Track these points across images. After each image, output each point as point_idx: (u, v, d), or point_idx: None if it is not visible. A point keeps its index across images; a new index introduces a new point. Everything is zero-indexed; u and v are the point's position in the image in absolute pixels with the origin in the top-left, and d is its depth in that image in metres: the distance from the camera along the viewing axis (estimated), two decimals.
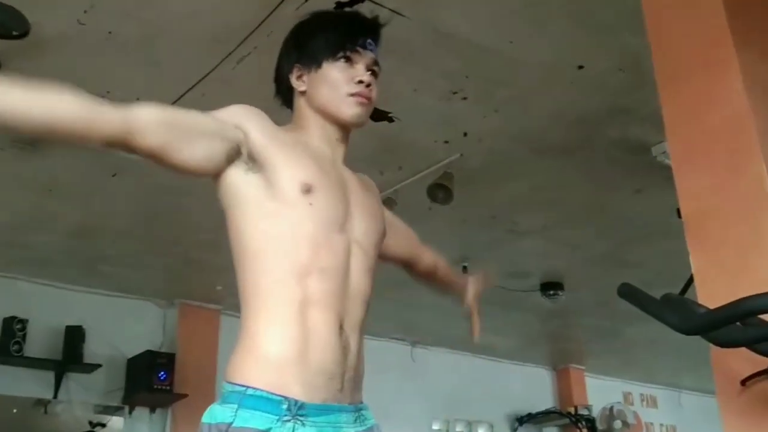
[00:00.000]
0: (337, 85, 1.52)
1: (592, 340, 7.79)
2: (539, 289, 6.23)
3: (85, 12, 3.08)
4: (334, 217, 1.43)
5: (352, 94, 1.52)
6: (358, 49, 1.54)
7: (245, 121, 1.43)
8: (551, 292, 6.21)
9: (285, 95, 1.62)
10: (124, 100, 3.79)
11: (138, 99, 3.69)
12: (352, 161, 1.75)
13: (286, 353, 1.33)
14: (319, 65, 1.54)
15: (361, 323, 1.46)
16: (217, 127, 1.41)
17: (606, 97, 3.74)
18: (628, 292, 1.47)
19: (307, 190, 1.40)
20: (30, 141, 3.93)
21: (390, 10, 3.09)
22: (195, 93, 3.57)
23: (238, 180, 1.41)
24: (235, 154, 1.40)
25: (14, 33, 3.20)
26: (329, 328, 1.37)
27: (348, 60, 1.53)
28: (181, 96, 3.58)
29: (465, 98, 3.74)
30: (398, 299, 6.45)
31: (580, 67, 3.51)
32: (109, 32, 3.18)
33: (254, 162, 1.41)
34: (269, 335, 1.35)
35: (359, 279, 1.46)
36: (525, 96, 3.73)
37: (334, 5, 3.02)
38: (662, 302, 1.41)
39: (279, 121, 1.56)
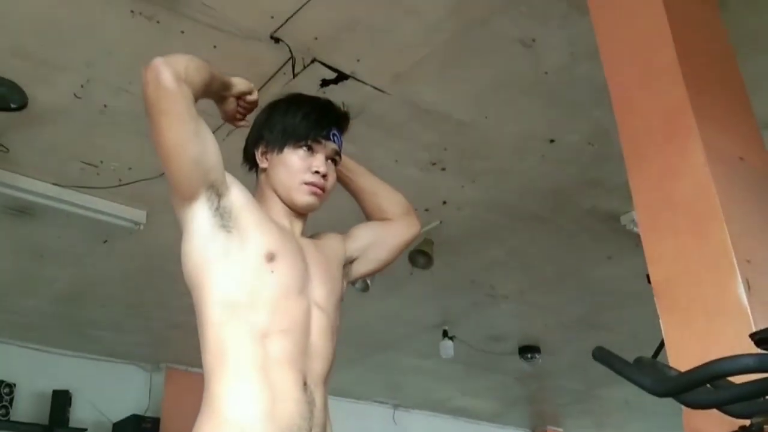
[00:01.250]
0: (293, 171, 1.54)
1: (569, 402, 7.71)
2: (517, 352, 6.19)
3: (81, 86, 3.12)
4: (294, 284, 1.44)
5: (307, 183, 1.54)
6: (320, 140, 1.56)
7: (231, 181, 1.47)
8: (529, 355, 6.17)
9: (250, 165, 1.65)
10: (117, 169, 3.82)
11: (130, 169, 3.74)
12: (338, 227, 1.76)
13: (250, 413, 1.31)
14: (281, 149, 1.56)
15: (325, 379, 1.45)
16: (217, 155, 1.45)
17: (577, 169, 3.80)
18: (601, 356, 1.46)
19: (271, 258, 1.42)
20: (22, 207, 3.92)
21: (373, 87, 3.17)
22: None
23: (209, 233, 1.41)
24: (212, 189, 1.42)
25: (13, 105, 3.22)
26: (293, 385, 1.35)
27: (309, 149, 1.55)
28: None
29: (443, 169, 3.78)
30: (380, 362, 6.39)
31: (552, 140, 3.58)
32: (104, 105, 3.22)
33: (230, 218, 1.42)
34: (232, 397, 1.33)
35: (320, 338, 1.45)
36: (500, 167, 3.78)
37: (320, 82, 3.09)
38: (635, 365, 1.40)
39: None
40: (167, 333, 5.72)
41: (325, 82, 3.11)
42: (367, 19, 2.83)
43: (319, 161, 1.55)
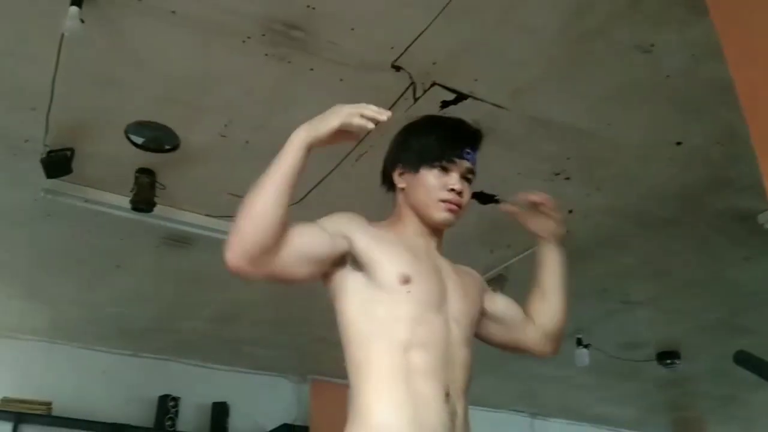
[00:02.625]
0: (430, 190, 1.57)
1: (712, 407, 7.26)
2: (655, 358, 5.92)
3: (225, 126, 3.32)
4: (431, 300, 1.47)
5: (443, 200, 1.57)
6: (454, 159, 1.59)
7: (348, 228, 1.49)
8: (668, 361, 5.89)
9: (388, 186, 1.69)
10: None
11: None
12: (464, 242, 1.79)
13: (398, 421, 1.34)
14: (417, 169, 1.59)
15: (466, 390, 1.47)
16: (325, 244, 1.45)
17: (706, 170, 3.62)
18: (743, 359, 1.40)
19: (406, 280, 1.45)
20: (180, 238, 4.20)
21: (492, 104, 3.17)
22: (321, 188, 3.73)
23: (343, 277, 1.49)
24: (339, 261, 1.48)
25: (167, 147, 3.49)
26: (436, 395, 1.38)
27: (444, 168, 1.58)
28: (309, 191, 3.75)
29: (567, 178, 3.71)
30: (517, 371, 6.30)
31: (678, 143, 3.43)
32: (246, 142, 3.41)
33: (357, 263, 1.48)
34: (380, 406, 1.37)
35: (459, 350, 1.47)
36: (625, 173, 3.66)
37: (440, 104, 3.13)
38: None
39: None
40: (311, 347, 5.92)
41: (445, 104, 3.14)
42: (482, 41, 2.84)
43: (453, 179, 1.58)
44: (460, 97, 3.12)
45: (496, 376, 6.24)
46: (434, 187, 1.57)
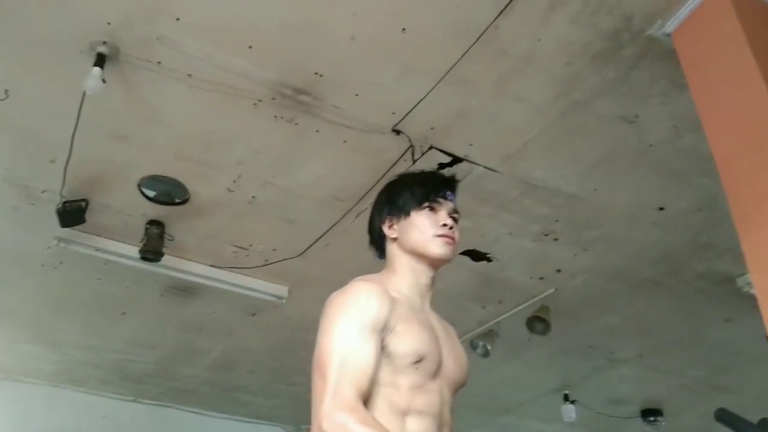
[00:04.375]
0: (425, 229, 1.59)
1: None
2: (640, 415, 5.84)
3: (233, 181, 3.36)
4: (432, 371, 1.47)
5: (439, 236, 1.58)
6: (439, 199, 1.62)
7: (382, 313, 1.43)
8: (652, 418, 5.81)
9: (378, 244, 1.69)
10: (263, 251, 4.02)
11: (275, 250, 3.93)
12: (456, 297, 1.79)
13: None
14: (408, 214, 1.62)
15: None
16: (378, 358, 1.40)
17: (688, 234, 3.65)
18: (724, 417, 1.39)
19: (419, 361, 1.43)
20: (185, 287, 4.20)
21: (485, 167, 3.22)
22: (320, 243, 3.75)
23: None
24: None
25: (177, 200, 3.51)
26: None
27: (432, 209, 1.61)
28: (310, 246, 3.76)
29: (556, 239, 3.74)
30: (503, 426, 6.21)
31: (661, 208, 3.47)
32: (253, 197, 3.44)
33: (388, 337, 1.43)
34: None
35: (447, 414, 1.48)
36: (612, 236, 3.69)
37: (437, 166, 3.17)
38: (760, 426, 1.32)
39: None
40: (306, 396, 5.79)
41: (441, 166, 3.19)
42: (478, 108, 2.91)
43: (443, 216, 1.61)
44: (456, 160, 3.17)
45: (486, 429, 6.14)
46: (427, 225, 1.59)
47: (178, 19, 2.52)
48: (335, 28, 2.56)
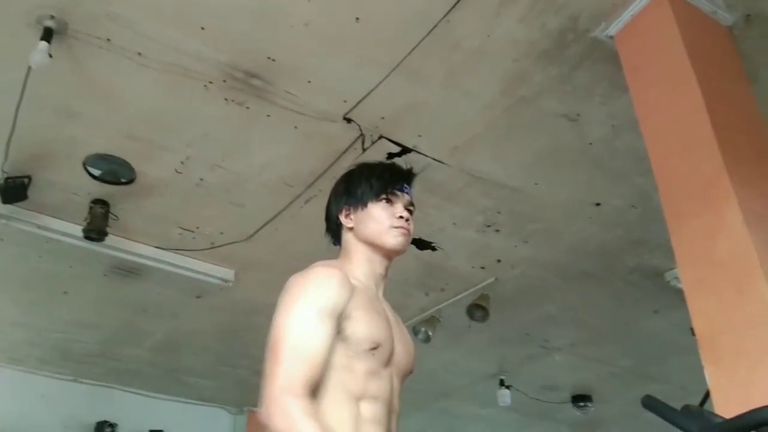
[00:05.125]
0: (381, 220, 1.58)
1: None
2: (570, 401, 5.99)
3: (181, 163, 3.27)
4: (385, 358, 1.47)
5: (395, 227, 1.58)
6: (396, 192, 1.62)
7: (341, 298, 1.42)
8: (581, 404, 5.96)
9: (334, 232, 1.68)
10: (210, 235, 3.93)
11: (222, 233, 3.86)
12: (401, 284, 1.79)
13: None
14: (365, 205, 1.61)
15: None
16: (331, 341, 1.38)
17: (622, 230, 3.74)
18: (650, 404, 1.43)
19: (375, 348, 1.43)
20: (129, 268, 4.08)
21: (433, 159, 3.23)
22: (269, 228, 3.70)
23: None
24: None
25: (123, 180, 3.41)
26: None
27: (388, 201, 1.61)
28: (259, 229, 3.71)
29: (498, 231, 3.78)
30: (445, 409, 6.28)
31: (598, 204, 3.55)
32: (201, 179, 3.36)
33: (345, 324, 1.41)
34: None
35: (396, 400, 1.49)
36: (551, 229, 3.76)
37: (387, 155, 3.17)
38: (683, 413, 1.36)
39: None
40: (250, 379, 5.77)
41: (390, 155, 3.18)
42: (428, 101, 2.91)
43: (399, 209, 1.61)
44: (405, 150, 3.17)
45: (425, 413, 6.20)
46: (384, 217, 1.59)
47: None
48: (290, 13, 2.51)
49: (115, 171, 3.37)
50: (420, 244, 3.89)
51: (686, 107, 2.16)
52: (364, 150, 3.13)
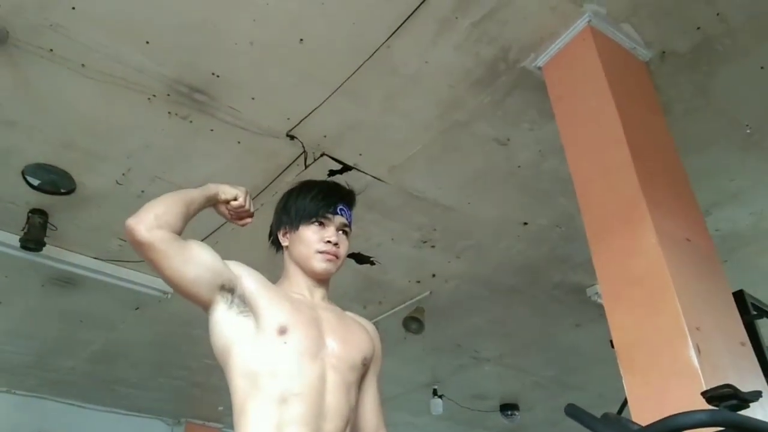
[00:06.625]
0: (309, 243, 1.56)
1: None
2: (499, 409, 6.05)
3: (123, 174, 3.16)
4: (307, 350, 1.42)
5: (321, 252, 1.55)
6: (328, 215, 1.58)
7: (242, 271, 1.47)
8: (509, 412, 6.03)
9: (276, 246, 1.66)
10: None
11: None
12: (340, 297, 1.75)
13: None
14: (297, 227, 1.58)
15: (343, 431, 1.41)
16: (215, 264, 1.43)
17: (546, 248, 3.82)
18: (572, 412, 1.44)
19: (283, 331, 1.41)
20: (66, 279, 3.90)
21: (372, 177, 3.22)
22: (209, 241, 3.59)
23: (229, 320, 1.42)
24: (224, 289, 1.42)
25: (62, 190, 3.26)
26: None
27: (320, 224, 1.58)
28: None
29: (433, 246, 3.80)
30: None
31: (525, 223, 3.61)
32: (142, 191, 3.25)
33: (245, 305, 1.43)
34: None
35: (334, 397, 1.41)
36: (481, 246, 3.80)
37: (328, 172, 3.14)
38: (602, 420, 1.38)
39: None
40: (188, 391, 5.60)
41: (332, 173, 3.16)
42: (368, 121, 2.90)
43: (329, 233, 1.57)
44: (346, 168, 3.15)
45: None
46: (312, 240, 1.56)
47: (73, 8, 2.34)
48: (234, 31, 2.47)
49: (54, 181, 3.21)
50: (359, 258, 3.86)
51: (607, 135, 2.22)
52: (306, 167, 3.09)
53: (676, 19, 2.47)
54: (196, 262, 1.39)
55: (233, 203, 1.60)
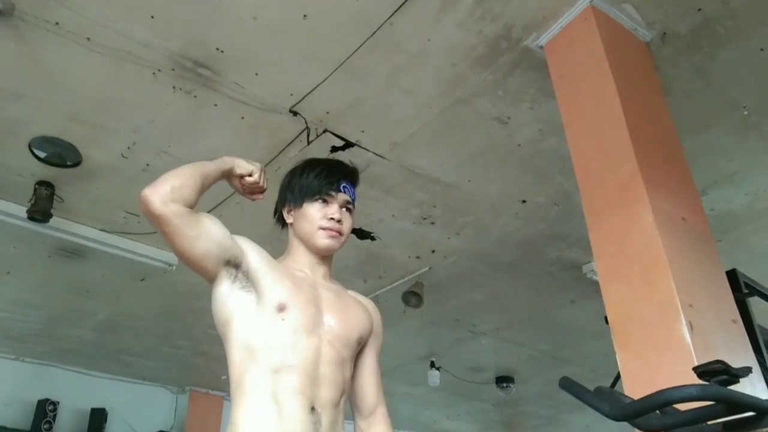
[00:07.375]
0: (312, 220, 1.56)
1: (538, 425, 7.57)
2: (494, 381, 6.12)
3: (128, 148, 3.15)
4: (303, 327, 1.44)
5: (324, 228, 1.56)
6: (332, 192, 1.59)
7: (248, 247, 1.48)
8: (504, 385, 6.10)
9: (281, 222, 1.67)
10: None
11: None
12: (341, 270, 1.76)
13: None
14: (301, 204, 1.59)
15: (335, 403, 1.43)
16: (224, 240, 1.43)
17: (544, 225, 3.82)
18: (566, 385, 1.45)
19: (282, 308, 1.42)
20: (73, 250, 3.91)
21: (374, 153, 3.21)
22: (214, 214, 3.59)
23: (231, 295, 1.43)
24: (229, 264, 1.43)
25: (68, 163, 3.26)
26: (300, 409, 1.35)
27: (324, 201, 1.58)
28: None
29: (433, 223, 3.81)
30: None
31: (523, 201, 3.61)
32: (147, 164, 3.24)
33: (247, 280, 1.44)
34: (248, 420, 1.34)
35: (329, 369, 1.44)
36: (480, 222, 3.80)
37: (330, 149, 3.13)
38: (595, 393, 1.40)
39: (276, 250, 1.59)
40: (192, 360, 5.65)
41: (334, 149, 3.15)
42: (371, 98, 2.88)
43: (333, 209, 1.58)
44: (348, 144, 3.14)
45: None
46: (316, 217, 1.57)
47: None
48: (239, 6, 2.44)
49: (60, 154, 3.21)
50: (360, 233, 3.87)
51: (607, 115, 2.20)
52: (309, 143, 3.08)
53: (678, 1, 2.44)
54: (205, 237, 1.39)
55: (248, 179, 1.59)
